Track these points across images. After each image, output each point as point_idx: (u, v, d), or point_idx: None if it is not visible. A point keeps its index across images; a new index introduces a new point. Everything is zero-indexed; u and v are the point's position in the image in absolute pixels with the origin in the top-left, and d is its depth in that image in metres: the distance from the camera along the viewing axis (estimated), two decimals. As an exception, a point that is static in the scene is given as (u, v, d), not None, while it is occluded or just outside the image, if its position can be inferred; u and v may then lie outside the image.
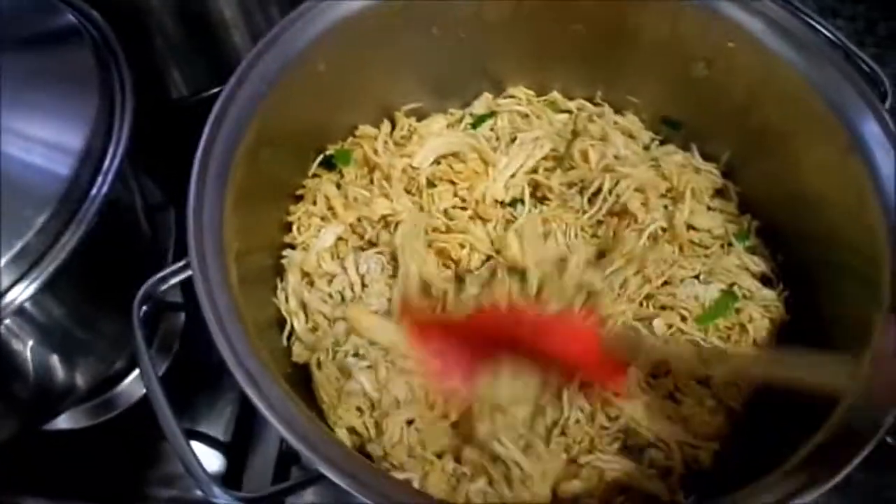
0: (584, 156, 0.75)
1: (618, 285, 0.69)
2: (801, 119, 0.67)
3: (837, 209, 0.65)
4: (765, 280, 0.72)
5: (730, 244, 0.74)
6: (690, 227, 0.73)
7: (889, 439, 0.70)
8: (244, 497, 0.50)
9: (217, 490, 0.49)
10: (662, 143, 0.81)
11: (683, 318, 0.68)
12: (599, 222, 0.74)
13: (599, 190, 0.74)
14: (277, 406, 0.49)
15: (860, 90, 0.63)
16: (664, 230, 0.72)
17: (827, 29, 0.66)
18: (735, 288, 0.70)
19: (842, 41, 0.66)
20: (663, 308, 0.69)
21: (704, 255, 0.73)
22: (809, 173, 0.68)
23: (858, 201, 0.60)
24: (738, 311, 0.69)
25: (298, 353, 0.68)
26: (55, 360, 0.69)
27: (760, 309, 0.69)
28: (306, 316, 0.69)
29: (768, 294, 0.70)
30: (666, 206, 0.74)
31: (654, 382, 0.66)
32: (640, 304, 0.70)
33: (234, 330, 0.52)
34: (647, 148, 0.80)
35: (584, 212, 0.74)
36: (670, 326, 0.68)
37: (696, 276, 0.71)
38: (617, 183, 0.73)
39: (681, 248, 0.72)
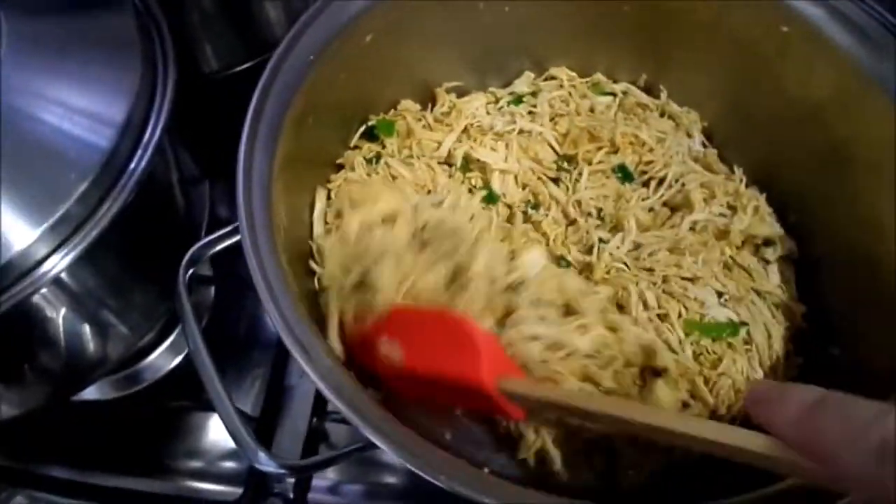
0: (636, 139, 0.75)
1: (647, 254, 0.67)
2: (857, 113, 0.65)
3: (889, 212, 0.62)
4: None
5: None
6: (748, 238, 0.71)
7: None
8: (289, 464, 0.49)
9: (263, 456, 0.49)
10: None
11: (679, 314, 0.65)
12: (651, 210, 0.72)
13: (663, 179, 0.72)
14: (326, 373, 0.48)
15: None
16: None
17: (889, 19, 0.64)
18: (743, 330, 0.66)
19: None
20: (671, 295, 0.66)
21: (743, 280, 0.69)
22: (862, 174, 0.66)
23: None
24: (729, 345, 0.65)
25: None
26: (87, 330, 0.68)
27: (745, 360, 0.65)
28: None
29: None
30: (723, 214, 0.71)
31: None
32: (654, 283, 0.67)
33: (283, 296, 0.51)
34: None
35: (643, 198, 0.72)
36: (661, 311, 0.65)
37: (720, 294, 0.67)
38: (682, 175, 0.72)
39: (726, 266, 0.69)
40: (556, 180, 0.74)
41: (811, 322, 0.69)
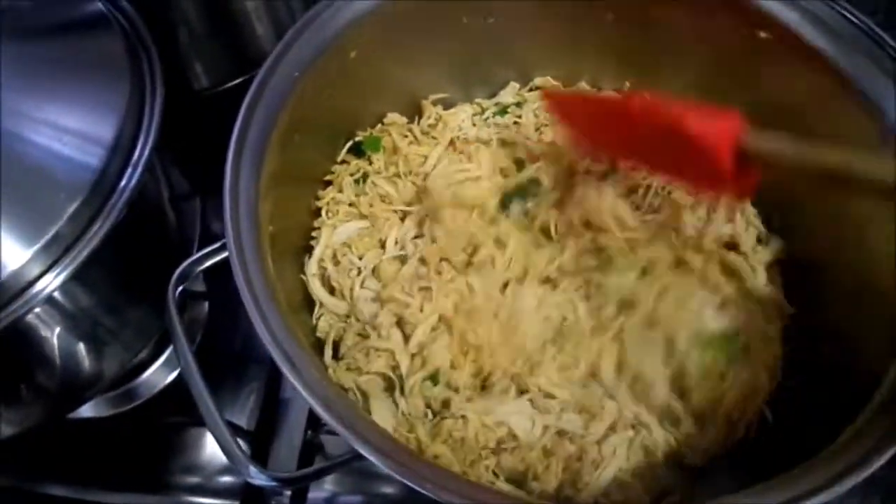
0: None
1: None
2: (835, 113, 0.66)
3: (869, 207, 0.63)
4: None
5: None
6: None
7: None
8: (279, 477, 0.50)
9: (253, 469, 0.49)
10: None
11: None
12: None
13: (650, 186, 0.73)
14: (314, 385, 0.49)
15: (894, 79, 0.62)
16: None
17: (863, 21, 0.65)
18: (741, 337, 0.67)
19: (878, 34, 0.65)
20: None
21: (734, 282, 0.69)
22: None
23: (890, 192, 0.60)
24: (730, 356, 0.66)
25: (323, 329, 0.68)
26: (82, 348, 0.69)
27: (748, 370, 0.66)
28: (331, 291, 0.70)
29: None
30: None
31: None
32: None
33: (270, 310, 0.52)
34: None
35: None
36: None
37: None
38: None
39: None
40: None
41: (798, 322, 0.69)
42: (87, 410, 0.83)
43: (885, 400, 0.50)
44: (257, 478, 0.50)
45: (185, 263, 0.56)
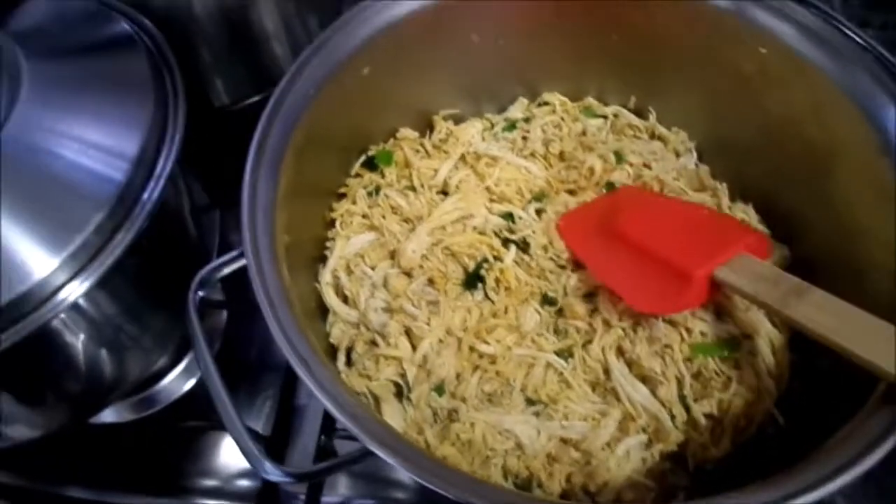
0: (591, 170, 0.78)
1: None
2: (833, 124, 0.68)
3: (869, 215, 0.65)
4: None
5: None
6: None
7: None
8: (294, 472, 0.52)
9: (269, 465, 0.51)
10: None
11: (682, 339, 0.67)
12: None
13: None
14: (327, 386, 0.51)
15: (891, 93, 0.64)
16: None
17: (857, 34, 0.67)
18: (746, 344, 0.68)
19: (873, 46, 0.67)
20: (671, 324, 0.68)
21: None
22: (842, 181, 0.68)
23: (889, 200, 0.61)
24: (735, 362, 0.67)
25: (336, 336, 0.70)
26: (104, 354, 0.72)
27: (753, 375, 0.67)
28: (344, 300, 0.72)
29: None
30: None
31: None
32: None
33: (285, 315, 0.54)
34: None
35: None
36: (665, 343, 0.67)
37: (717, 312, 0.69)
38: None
39: None
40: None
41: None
42: (108, 416, 0.85)
43: (879, 401, 0.52)
44: (273, 473, 0.52)
45: (204, 270, 0.59)
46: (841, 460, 0.47)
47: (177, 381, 0.88)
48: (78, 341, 0.68)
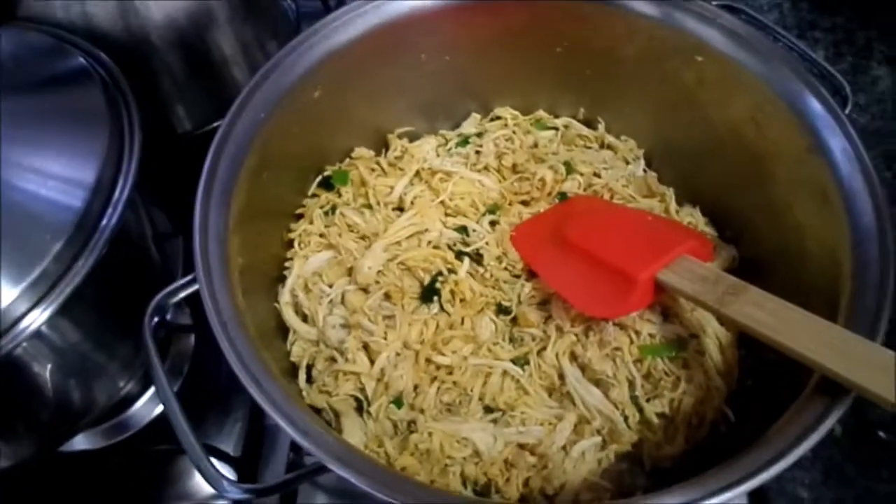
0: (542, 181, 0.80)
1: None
2: (769, 127, 0.70)
3: (804, 212, 0.67)
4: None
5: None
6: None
7: (881, 433, 0.73)
8: (251, 488, 0.53)
9: (226, 484, 0.52)
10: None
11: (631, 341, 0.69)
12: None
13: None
14: (279, 403, 0.52)
15: (820, 95, 0.66)
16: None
17: (787, 38, 0.70)
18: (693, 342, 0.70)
19: (798, 46, 0.70)
20: (620, 327, 0.70)
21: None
22: (781, 181, 0.71)
23: (822, 198, 0.64)
24: (684, 362, 0.70)
25: (297, 354, 0.72)
26: (71, 382, 0.72)
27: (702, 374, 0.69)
28: (304, 318, 0.73)
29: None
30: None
31: None
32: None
33: (238, 335, 0.56)
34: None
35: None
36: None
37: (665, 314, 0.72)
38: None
39: None
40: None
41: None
42: (79, 443, 0.85)
43: (814, 390, 0.53)
44: (231, 490, 0.53)
45: (159, 296, 0.60)
46: (775, 451, 0.49)
47: (147, 406, 0.88)
48: (44, 370, 0.68)
